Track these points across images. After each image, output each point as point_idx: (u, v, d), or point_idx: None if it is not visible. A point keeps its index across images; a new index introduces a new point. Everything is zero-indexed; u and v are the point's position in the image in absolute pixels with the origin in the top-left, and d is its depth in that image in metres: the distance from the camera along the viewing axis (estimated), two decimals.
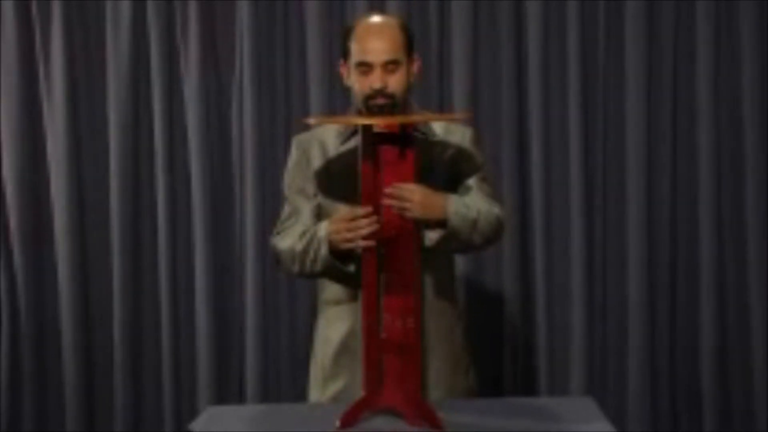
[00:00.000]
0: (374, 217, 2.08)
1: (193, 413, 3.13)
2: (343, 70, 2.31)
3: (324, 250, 2.18)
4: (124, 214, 3.34)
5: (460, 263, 3.16)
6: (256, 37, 3.29)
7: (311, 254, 2.21)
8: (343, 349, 2.33)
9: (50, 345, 3.42)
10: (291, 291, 3.36)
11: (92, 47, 3.36)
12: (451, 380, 2.33)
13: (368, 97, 2.20)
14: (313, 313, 2.54)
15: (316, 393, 2.39)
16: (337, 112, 3.17)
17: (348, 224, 2.11)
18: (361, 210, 2.09)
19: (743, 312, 3.28)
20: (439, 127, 2.35)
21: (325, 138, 2.36)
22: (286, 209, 2.37)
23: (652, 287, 3.29)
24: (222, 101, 3.37)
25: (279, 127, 3.32)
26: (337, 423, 2.04)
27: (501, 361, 3.33)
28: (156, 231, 3.37)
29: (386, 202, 2.08)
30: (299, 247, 2.23)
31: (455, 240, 2.19)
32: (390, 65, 2.20)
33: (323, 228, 2.20)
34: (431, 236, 2.16)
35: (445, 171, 2.30)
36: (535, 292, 3.33)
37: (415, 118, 2.25)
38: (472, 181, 2.32)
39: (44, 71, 3.34)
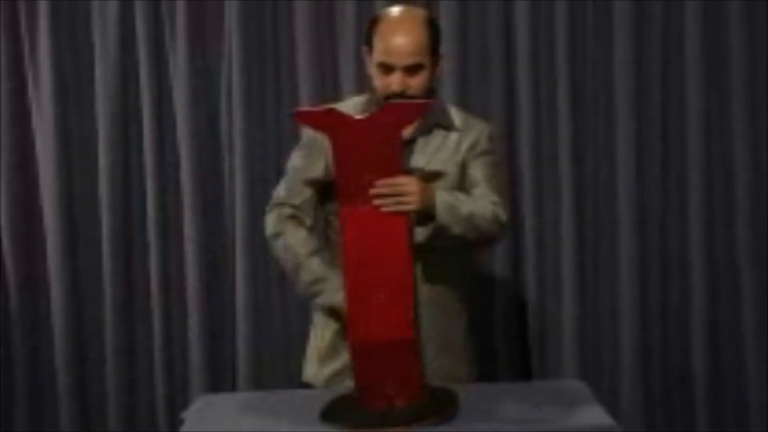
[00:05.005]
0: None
1: (186, 401, 3.12)
2: (366, 57, 2.29)
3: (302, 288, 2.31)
4: (114, 205, 3.33)
5: None
6: (244, 28, 3.27)
7: (294, 277, 2.31)
8: (342, 334, 2.29)
9: (42, 334, 3.41)
10: (283, 276, 3.32)
11: (79, 40, 3.35)
12: (452, 372, 2.34)
13: (387, 97, 2.19)
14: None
15: (311, 369, 2.41)
16: (328, 104, 3.15)
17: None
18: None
19: (735, 304, 3.27)
20: (459, 120, 2.35)
21: None
22: (284, 187, 2.34)
23: (643, 282, 3.28)
24: (211, 94, 3.35)
25: (269, 120, 3.32)
26: None
27: (495, 356, 3.31)
28: (146, 220, 3.36)
29: (379, 196, 2.02)
30: (291, 265, 2.31)
31: (445, 234, 2.16)
32: (412, 68, 2.19)
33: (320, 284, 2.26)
34: (419, 231, 2.14)
35: (458, 163, 2.30)
36: (526, 286, 3.31)
37: None
38: (480, 175, 2.30)
39: (32, 67, 3.33)
